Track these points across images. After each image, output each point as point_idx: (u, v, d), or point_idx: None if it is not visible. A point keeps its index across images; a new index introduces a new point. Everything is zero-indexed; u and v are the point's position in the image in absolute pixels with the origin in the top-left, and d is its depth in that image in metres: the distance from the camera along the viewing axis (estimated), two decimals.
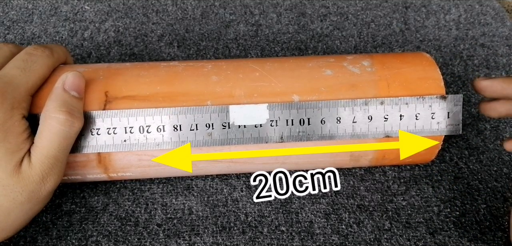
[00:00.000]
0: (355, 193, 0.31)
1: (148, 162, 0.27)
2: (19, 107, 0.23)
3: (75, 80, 0.25)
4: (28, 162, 0.23)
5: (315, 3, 0.47)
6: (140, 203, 0.30)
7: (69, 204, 0.30)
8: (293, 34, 0.44)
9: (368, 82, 0.27)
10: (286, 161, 0.29)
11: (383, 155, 0.29)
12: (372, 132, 0.27)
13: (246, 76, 0.27)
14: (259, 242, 0.28)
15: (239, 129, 0.26)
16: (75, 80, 0.25)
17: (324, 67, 0.28)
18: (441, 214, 0.30)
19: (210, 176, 0.32)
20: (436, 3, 0.48)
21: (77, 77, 0.25)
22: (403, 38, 0.44)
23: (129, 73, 0.27)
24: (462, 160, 0.33)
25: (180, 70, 0.28)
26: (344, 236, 0.28)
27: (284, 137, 0.27)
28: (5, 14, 0.44)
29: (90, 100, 0.26)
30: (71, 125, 0.24)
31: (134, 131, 0.26)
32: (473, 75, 0.40)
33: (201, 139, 0.26)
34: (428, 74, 0.28)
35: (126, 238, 0.28)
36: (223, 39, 0.43)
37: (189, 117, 0.26)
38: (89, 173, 0.27)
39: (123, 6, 0.46)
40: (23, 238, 0.28)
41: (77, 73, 0.25)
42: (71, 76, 0.25)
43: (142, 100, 0.26)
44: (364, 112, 0.27)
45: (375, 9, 0.47)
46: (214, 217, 0.29)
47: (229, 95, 0.27)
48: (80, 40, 0.42)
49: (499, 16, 0.47)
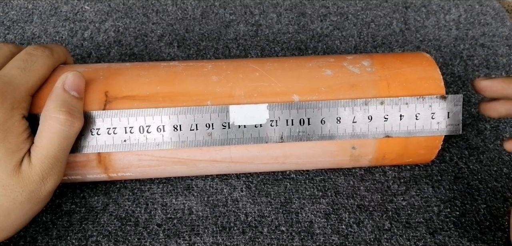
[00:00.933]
0: (355, 193, 0.31)
1: (148, 162, 0.27)
2: (19, 107, 0.23)
3: (75, 80, 0.25)
4: (28, 162, 0.23)
5: (315, 3, 0.47)
6: (140, 203, 0.30)
7: (69, 204, 0.30)
8: (293, 34, 0.44)
9: (368, 82, 0.27)
10: (286, 161, 0.29)
11: (383, 155, 0.29)
12: (372, 132, 0.27)
13: (246, 76, 0.27)
14: (259, 242, 0.28)
15: (239, 129, 0.26)
16: (75, 80, 0.25)
17: (324, 67, 0.28)
18: (441, 214, 0.30)
19: (210, 176, 0.32)
20: (436, 3, 0.48)
21: (77, 77, 0.25)
22: (403, 38, 0.44)
23: (129, 73, 0.27)
24: (462, 160, 0.33)
25: (180, 70, 0.28)
26: (344, 236, 0.28)
27: (284, 136, 0.27)
28: (5, 14, 0.44)
29: (90, 100, 0.26)
30: (71, 125, 0.24)
31: (134, 131, 0.26)
32: (473, 75, 0.40)
33: (201, 139, 0.26)
34: (428, 74, 0.28)
35: (126, 238, 0.28)
36: (223, 39, 0.43)
37: (189, 117, 0.26)
38: (89, 173, 0.27)
39: (123, 6, 0.46)
40: (23, 238, 0.28)
41: (77, 73, 0.25)
42: (71, 76, 0.25)
43: (142, 100, 0.26)
44: (364, 112, 0.27)
45: (375, 9, 0.47)
46: (214, 217, 0.29)
47: (229, 95, 0.27)
48: (80, 40, 0.42)
49: (499, 16, 0.47)
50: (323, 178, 0.32)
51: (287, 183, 0.31)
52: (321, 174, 0.32)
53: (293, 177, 0.32)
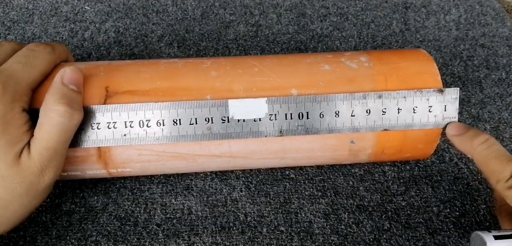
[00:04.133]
0: (354, 193, 0.31)
1: (147, 156, 0.27)
2: (20, 100, 0.24)
3: (73, 74, 0.25)
4: (27, 153, 0.23)
5: (315, 4, 0.47)
6: (139, 203, 0.30)
7: (68, 203, 0.30)
8: (293, 34, 0.44)
9: (365, 77, 0.28)
10: (286, 156, 0.29)
11: (382, 149, 0.29)
12: (370, 125, 0.27)
13: (245, 71, 0.27)
14: (258, 242, 0.28)
15: (238, 123, 0.26)
16: (73, 74, 0.25)
17: (322, 62, 0.28)
18: (440, 214, 0.30)
19: (210, 176, 0.32)
20: (436, 3, 0.48)
21: (75, 72, 0.25)
22: (403, 38, 0.44)
23: (130, 69, 0.27)
24: (462, 160, 0.33)
25: (180, 66, 0.28)
26: (343, 236, 0.28)
27: (283, 130, 0.27)
28: (5, 14, 0.44)
29: (90, 95, 0.26)
30: (71, 117, 0.24)
31: (134, 125, 0.26)
32: (473, 75, 0.40)
33: (200, 133, 0.26)
34: (425, 68, 0.28)
35: (125, 238, 0.28)
36: (223, 40, 0.43)
37: (188, 111, 0.26)
38: (89, 168, 0.28)
39: (123, 7, 0.46)
40: (22, 238, 0.28)
41: (75, 68, 0.26)
42: (69, 70, 0.25)
43: (142, 95, 0.26)
44: (362, 106, 0.27)
45: (375, 10, 0.47)
46: (213, 217, 0.29)
47: (228, 90, 0.27)
48: (80, 41, 0.42)
49: (499, 16, 0.47)
50: (323, 178, 0.32)
51: (287, 183, 0.31)
52: (321, 174, 0.32)
53: (292, 177, 0.32)
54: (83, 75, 0.26)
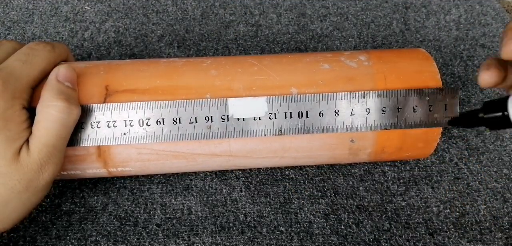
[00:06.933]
0: (354, 193, 0.31)
1: (147, 155, 0.27)
2: (20, 97, 0.24)
3: (67, 72, 0.25)
4: (26, 150, 0.23)
5: (315, 4, 0.47)
6: (139, 203, 0.30)
7: (68, 204, 0.30)
8: (293, 34, 0.44)
9: (365, 76, 0.28)
10: (285, 155, 0.29)
11: (382, 148, 0.29)
12: (370, 124, 0.27)
13: (245, 70, 0.27)
14: (258, 242, 0.28)
15: (238, 122, 0.26)
16: (67, 72, 0.25)
17: (322, 61, 0.28)
18: (440, 215, 0.30)
19: (210, 176, 0.32)
20: (436, 3, 0.48)
21: (69, 70, 0.26)
22: (403, 38, 0.44)
23: (129, 68, 0.28)
24: (462, 161, 0.33)
25: (180, 65, 0.28)
26: (343, 237, 0.28)
27: (283, 129, 0.27)
28: (5, 14, 0.44)
29: (90, 93, 0.26)
30: (70, 112, 0.24)
31: (134, 124, 0.26)
32: (473, 76, 0.40)
33: (200, 132, 0.26)
34: (424, 67, 0.28)
35: (125, 238, 0.28)
36: (223, 40, 0.43)
37: (188, 110, 0.26)
38: (89, 167, 0.28)
39: (123, 7, 0.46)
40: (22, 238, 0.28)
41: (68, 66, 0.26)
42: (63, 68, 0.25)
43: (142, 93, 0.26)
44: (362, 105, 0.27)
45: (375, 10, 0.47)
46: (213, 217, 0.29)
47: (228, 89, 0.27)
48: (80, 41, 0.42)
49: (499, 16, 0.47)
50: (322, 178, 0.32)
51: (286, 183, 0.31)
52: (320, 174, 0.32)
53: (292, 177, 0.32)
54: (83, 74, 0.26)
